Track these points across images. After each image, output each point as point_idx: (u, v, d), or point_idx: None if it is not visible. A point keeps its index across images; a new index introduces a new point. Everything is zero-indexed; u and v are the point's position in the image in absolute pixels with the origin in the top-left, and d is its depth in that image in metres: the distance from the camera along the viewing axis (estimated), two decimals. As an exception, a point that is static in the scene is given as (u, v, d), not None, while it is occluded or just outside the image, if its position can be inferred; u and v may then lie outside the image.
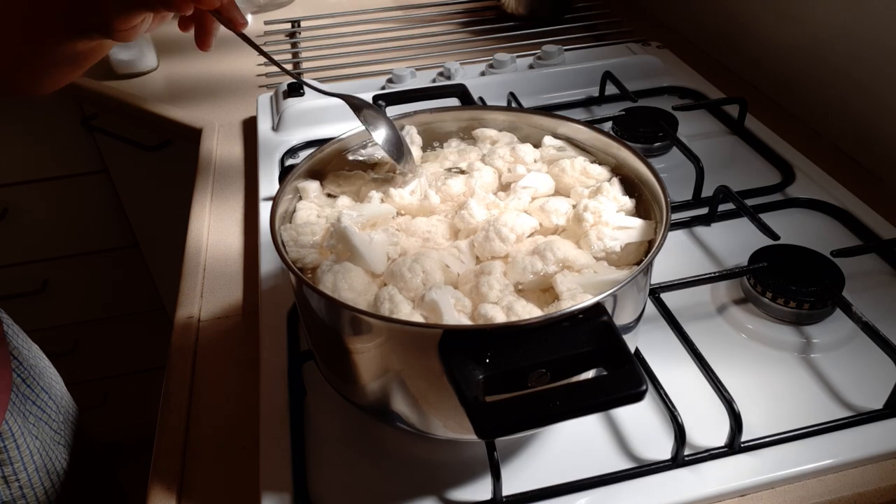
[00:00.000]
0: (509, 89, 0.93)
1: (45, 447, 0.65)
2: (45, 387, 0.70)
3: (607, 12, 1.22)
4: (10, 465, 0.61)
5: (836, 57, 0.85)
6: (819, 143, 0.86)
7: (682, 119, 0.84)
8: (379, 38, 1.18)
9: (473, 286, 0.47)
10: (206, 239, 0.78)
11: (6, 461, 0.60)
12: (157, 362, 1.12)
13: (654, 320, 0.59)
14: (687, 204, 0.74)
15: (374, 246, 0.50)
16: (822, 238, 0.68)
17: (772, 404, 0.54)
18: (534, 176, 0.57)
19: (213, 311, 0.68)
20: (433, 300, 0.44)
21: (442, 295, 0.45)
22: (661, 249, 0.45)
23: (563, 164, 0.57)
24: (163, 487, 0.52)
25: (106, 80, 1.13)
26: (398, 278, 0.47)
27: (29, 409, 0.65)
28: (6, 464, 0.60)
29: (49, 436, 0.67)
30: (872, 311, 0.56)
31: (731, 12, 1.03)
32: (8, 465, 0.61)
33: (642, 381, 0.38)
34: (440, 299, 0.44)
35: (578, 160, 0.57)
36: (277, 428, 0.53)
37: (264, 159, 0.85)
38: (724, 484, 0.49)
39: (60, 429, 0.70)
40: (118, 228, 1.38)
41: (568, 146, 0.60)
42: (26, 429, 0.63)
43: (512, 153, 0.59)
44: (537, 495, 0.48)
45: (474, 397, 0.38)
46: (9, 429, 0.60)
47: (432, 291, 0.45)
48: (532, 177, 0.56)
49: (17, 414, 0.62)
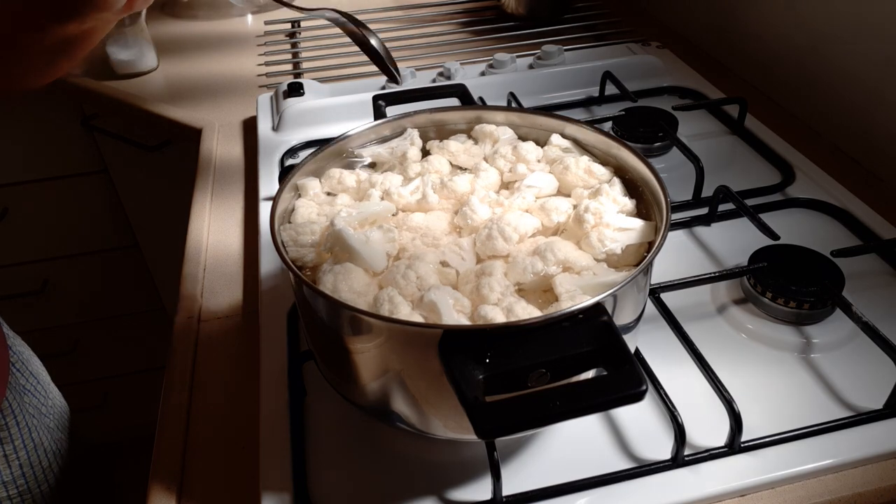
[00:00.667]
0: (509, 89, 0.93)
1: (44, 429, 0.65)
2: (42, 383, 0.70)
3: (607, 12, 1.22)
4: (10, 442, 0.60)
5: (836, 57, 0.85)
6: (819, 143, 0.86)
7: (682, 119, 0.84)
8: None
9: (474, 287, 0.47)
10: (206, 239, 0.78)
11: (7, 438, 0.60)
12: (157, 362, 1.12)
13: (654, 320, 0.59)
14: (687, 204, 0.74)
15: (371, 245, 0.50)
16: (822, 238, 0.68)
17: (772, 404, 0.54)
18: (538, 175, 0.56)
19: (213, 311, 0.68)
20: (432, 301, 0.44)
21: (441, 295, 0.45)
22: (661, 250, 0.45)
23: (567, 163, 0.57)
24: (163, 487, 0.52)
25: (106, 80, 1.13)
26: (393, 285, 0.47)
27: (28, 401, 0.65)
28: (6, 441, 0.60)
29: (45, 424, 0.67)
30: (872, 311, 0.56)
31: (731, 12, 1.03)
32: (8, 442, 0.60)
33: (642, 382, 0.38)
34: (439, 300, 0.44)
35: (583, 159, 0.57)
36: (277, 428, 0.53)
37: (264, 159, 0.85)
38: (724, 484, 0.49)
39: (57, 425, 0.70)
40: (118, 228, 1.38)
41: (573, 146, 0.60)
42: (25, 410, 0.63)
43: (514, 152, 0.59)
44: (537, 495, 0.48)
45: (474, 397, 0.38)
46: (8, 405, 0.60)
47: (431, 292, 0.45)
48: (536, 176, 0.56)
49: (15, 395, 0.62)
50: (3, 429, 0.60)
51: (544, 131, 0.62)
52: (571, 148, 0.60)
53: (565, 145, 0.60)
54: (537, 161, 0.59)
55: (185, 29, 1.31)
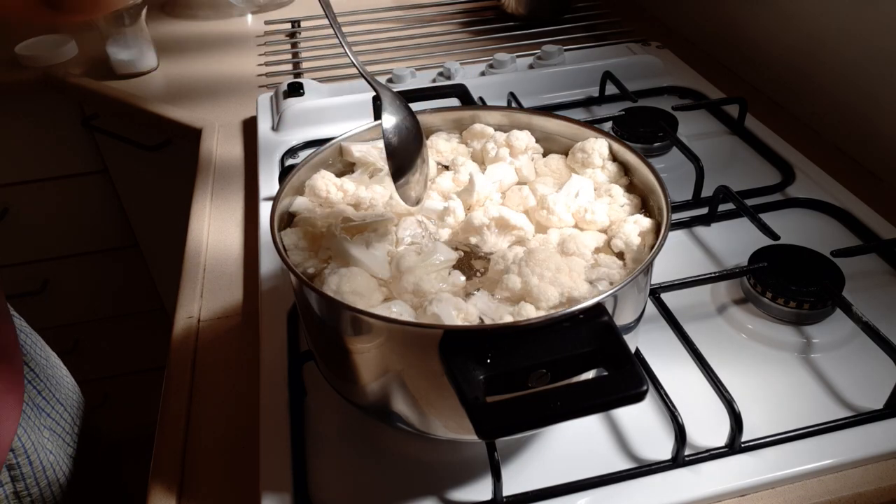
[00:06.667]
0: (509, 89, 0.93)
1: (57, 461, 0.65)
2: (60, 398, 0.69)
3: (607, 12, 1.22)
4: (22, 480, 0.60)
5: (836, 57, 0.85)
6: (819, 143, 0.86)
7: (682, 119, 0.84)
8: (379, 38, 1.18)
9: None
10: (206, 239, 0.78)
11: (19, 477, 0.60)
12: (157, 362, 1.12)
13: (655, 320, 0.59)
14: (687, 204, 0.74)
15: (371, 251, 0.50)
16: (822, 238, 0.68)
17: (772, 404, 0.54)
18: (500, 167, 0.57)
19: (213, 311, 0.68)
20: (435, 314, 0.44)
21: (443, 308, 0.45)
22: (661, 250, 0.45)
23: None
24: (163, 487, 0.52)
25: (106, 80, 1.13)
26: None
27: (43, 422, 0.65)
28: (18, 479, 0.60)
29: (62, 448, 0.67)
30: (872, 311, 0.56)
31: (731, 12, 1.03)
32: (20, 480, 0.60)
33: (643, 382, 0.38)
34: (441, 312, 0.44)
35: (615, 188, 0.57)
36: (277, 428, 0.53)
37: (264, 159, 0.85)
38: (724, 484, 0.49)
39: (73, 440, 0.70)
40: (118, 228, 1.38)
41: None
42: (40, 444, 0.62)
43: (507, 140, 0.59)
44: (538, 495, 0.48)
45: (475, 397, 0.37)
46: (21, 445, 0.60)
47: (433, 305, 0.45)
48: (497, 168, 0.57)
49: (31, 428, 0.62)
50: (16, 468, 0.60)
51: (542, 130, 0.62)
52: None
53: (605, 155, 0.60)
54: (525, 149, 0.59)
55: (185, 29, 1.31)
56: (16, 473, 0.60)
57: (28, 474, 0.61)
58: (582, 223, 0.53)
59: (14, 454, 0.59)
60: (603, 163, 0.57)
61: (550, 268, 0.46)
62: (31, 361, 0.67)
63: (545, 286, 0.45)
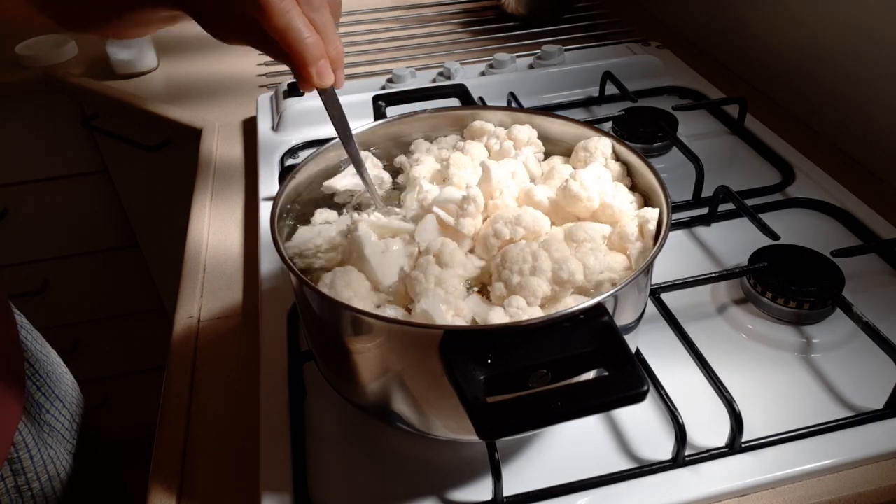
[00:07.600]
0: (509, 89, 0.93)
1: (58, 456, 0.65)
2: (60, 395, 0.69)
3: (607, 12, 1.22)
4: (23, 475, 0.60)
5: (836, 56, 0.85)
6: (819, 143, 0.86)
7: (682, 119, 0.84)
8: (379, 38, 1.18)
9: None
10: (206, 239, 0.78)
11: (19, 471, 0.60)
12: (157, 362, 1.12)
13: (655, 320, 0.59)
14: (687, 204, 0.74)
15: (387, 256, 0.49)
16: (822, 238, 0.68)
17: (772, 404, 0.54)
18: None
19: (213, 311, 0.68)
20: (424, 310, 0.44)
21: (432, 304, 0.44)
22: (661, 250, 0.45)
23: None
24: (163, 487, 0.52)
25: (106, 80, 1.13)
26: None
27: (43, 419, 0.65)
28: (19, 474, 0.60)
29: (62, 445, 0.67)
30: (872, 311, 0.56)
31: (731, 12, 1.03)
32: (21, 475, 0.60)
33: (643, 382, 0.38)
34: (431, 309, 0.44)
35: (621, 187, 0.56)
36: (277, 428, 0.53)
37: (264, 159, 0.85)
38: (724, 484, 0.49)
39: (73, 437, 0.70)
40: (118, 228, 1.38)
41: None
42: (40, 439, 0.63)
43: (509, 134, 0.59)
44: (538, 496, 0.48)
45: (475, 398, 0.37)
46: (23, 440, 0.60)
47: (423, 302, 0.44)
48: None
49: (32, 424, 0.62)
50: (16, 462, 0.60)
51: (541, 130, 0.62)
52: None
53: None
54: (528, 141, 0.59)
55: (185, 29, 1.30)
56: (17, 468, 0.60)
57: (29, 469, 0.61)
58: (603, 207, 0.52)
59: (15, 448, 0.59)
60: (606, 161, 0.57)
61: (527, 259, 0.45)
62: (31, 357, 0.67)
63: (527, 279, 0.44)
